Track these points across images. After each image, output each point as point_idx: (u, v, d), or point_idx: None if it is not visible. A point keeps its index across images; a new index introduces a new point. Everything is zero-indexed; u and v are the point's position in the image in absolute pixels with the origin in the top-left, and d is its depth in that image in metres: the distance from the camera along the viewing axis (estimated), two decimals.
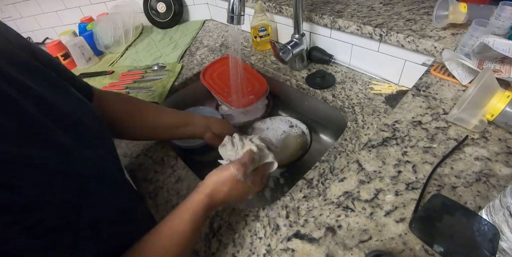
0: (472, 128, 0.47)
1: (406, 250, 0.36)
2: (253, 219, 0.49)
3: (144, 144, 0.70)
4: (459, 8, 0.63)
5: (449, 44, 0.61)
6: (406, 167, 0.45)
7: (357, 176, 0.45)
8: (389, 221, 0.39)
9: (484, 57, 0.55)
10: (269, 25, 0.93)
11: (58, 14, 1.27)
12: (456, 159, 0.45)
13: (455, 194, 0.40)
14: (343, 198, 0.43)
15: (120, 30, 1.12)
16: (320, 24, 0.81)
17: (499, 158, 0.44)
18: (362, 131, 0.62)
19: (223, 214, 0.51)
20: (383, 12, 0.76)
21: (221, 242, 0.47)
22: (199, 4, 1.25)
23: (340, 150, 0.59)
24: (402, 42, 0.67)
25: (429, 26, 0.68)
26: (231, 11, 0.57)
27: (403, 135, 0.50)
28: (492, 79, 0.46)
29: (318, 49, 0.86)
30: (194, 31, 1.20)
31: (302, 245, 0.39)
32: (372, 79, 0.78)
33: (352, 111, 0.68)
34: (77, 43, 1.02)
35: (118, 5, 1.23)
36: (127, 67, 1.02)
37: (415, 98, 0.56)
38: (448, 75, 0.59)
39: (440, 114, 0.52)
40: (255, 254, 0.44)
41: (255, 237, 0.47)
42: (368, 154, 0.48)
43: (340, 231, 0.39)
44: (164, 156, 0.66)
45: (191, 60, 1.01)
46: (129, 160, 0.67)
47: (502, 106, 0.45)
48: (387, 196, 0.42)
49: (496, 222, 0.33)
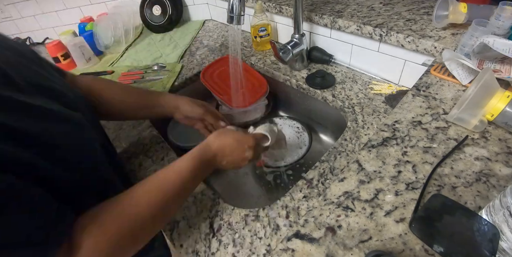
0: (472, 128, 0.47)
1: (406, 250, 0.36)
2: (253, 219, 0.49)
3: (144, 144, 0.70)
4: (459, 8, 0.63)
5: (449, 44, 0.61)
6: (406, 167, 0.45)
7: (357, 176, 0.45)
8: (389, 221, 0.39)
9: (484, 57, 0.55)
10: (269, 25, 0.93)
11: (58, 14, 1.27)
12: (456, 159, 0.45)
13: (455, 194, 0.40)
14: (343, 198, 0.43)
15: (120, 30, 1.12)
16: (320, 24, 0.81)
17: (499, 158, 0.44)
18: (362, 131, 0.62)
19: (223, 214, 0.52)
20: (383, 12, 0.76)
21: (221, 242, 0.47)
22: (199, 4, 1.24)
23: (340, 150, 0.59)
24: (402, 42, 0.66)
25: (429, 26, 0.68)
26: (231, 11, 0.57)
27: (403, 135, 0.50)
28: (492, 79, 0.46)
29: (318, 49, 0.86)
30: (194, 31, 1.20)
31: (302, 245, 0.39)
32: (372, 79, 0.78)
33: (352, 111, 0.68)
34: (77, 43, 1.02)
35: (118, 5, 1.23)
36: (127, 67, 1.02)
37: (415, 98, 0.56)
38: (448, 75, 0.59)
39: (440, 114, 0.52)
40: (255, 254, 0.44)
41: (255, 237, 0.47)
42: (368, 154, 0.48)
43: (340, 231, 0.39)
44: (164, 156, 0.66)
45: (191, 60, 1.01)
46: (129, 160, 0.67)
47: (502, 106, 0.45)
48: (387, 196, 0.42)
49: (496, 222, 0.33)
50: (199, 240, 0.48)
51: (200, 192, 0.56)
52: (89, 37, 1.09)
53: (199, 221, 0.51)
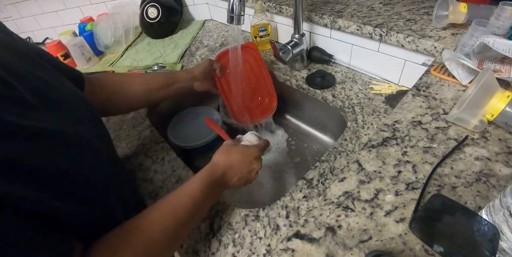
0: (472, 128, 0.47)
1: (406, 250, 0.36)
2: (253, 219, 0.49)
3: (144, 144, 0.70)
4: (459, 8, 0.63)
5: (449, 44, 0.61)
6: (406, 167, 0.45)
7: (357, 176, 0.45)
8: (389, 221, 0.39)
9: (484, 57, 0.55)
10: (269, 25, 0.93)
11: (58, 14, 1.27)
12: (456, 159, 0.45)
13: (455, 194, 0.40)
14: (343, 198, 0.43)
15: (120, 30, 1.12)
16: (320, 24, 0.81)
17: (499, 158, 0.44)
18: (362, 131, 0.62)
19: (223, 214, 0.51)
20: (383, 12, 0.76)
21: (221, 242, 0.47)
22: (199, 4, 1.24)
23: (340, 150, 0.59)
24: (402, 42, 0.67)
25: (429, 26, 0.68)
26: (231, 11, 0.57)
27: (403, 135, 0.50)
28: (492, 79, 0.46)
29: (318, 49, 0.86)
30: (194, 31, 1.20)
31: (302, 245, 0.39)
32: (372, 79, 0.78)
33: (352, 111, 0.68)
34: (77, 43, 1.02)
35: (118, 5, 1.22)
36: (127, 67, 1.02)
37: (415, 98, 0.56)
38: (448, 75, 0.59)
39: (440, 114, 0.52)
40: (255, 254, 0.44)
41: (255, 237, 0.47)
42: (368, 154, 0.48)
43: (340, 231, 0.39)
44: (164, 156, 0.66)
45: (191, 60, 1.01)
46: (129, 160, 0.67)
47: (502, 106, 0.45)
48: (387, 196, 0.42)
49: (496, 222, 0.33)
50: (199, 240, 0.48)
51: None
52: (89, 37, 1.09)
53: (199, 221, 0.51)
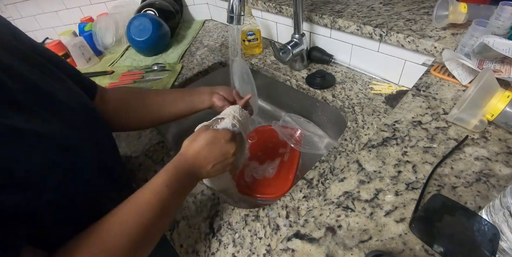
0: (472, 128, 0.47)
1: (406, 250, 0.36)
2: (253, 219, 0.49)
3: (144, 144, 0.70)
4: (459, 8, 0.63)
5: (449, 44, 0.61)
6: (406, 167, 0.45)
7: (357, 176, 0.45)
8: (389, 221, 0.39)
9: (484, 57, 0.55)
10: (258, 30, 0.93)
11: (58, 14, 1.27)
12: (456, 159, 0.45)
13: (455, 194, 0.40)
14: (343, 198, 0.43)
15: (120, 30, 1.12)
16: (320, 24, 0.81)
17: (499, 158, 0.44)
18: (362, 131, 0.62)
19: (223, 214, 0.51)
20: (383, 12, 0.76)
21: (221, 242, 0.47)
22: (199, 4, 1.24)
23: (340, 150, 0.59)
24: (402, 42, 0.66)
25: (429, 26, 0.68)
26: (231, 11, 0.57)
27: (403, 135, 0.50)
28: (492, 79, 0.46)
29: (318, 49, 0.86)
30: (194, 31, 1.20)
31: (302, 245, 0.39)
32: (372, 79, 0.78)
33: (352, 111, 0.68)
34: (77, 43, 1.02)
35: (118, 5, 1.22)
36: (127, 67, 1.02)
37: (415, 98, 0.56)
38: (448, 75, 0.59)
39: (440, 114, 0.52)
40: (255, 254, 0.44)
41: (255, 237, 0.47)
42: (368, 154, 0.48)
43: (340, 231, 0.39)
44: (164, 156, 0.66)
45: (191, 60, 1.01)
46: (129, 160, 0.67)
47: (502, 106, 0.45)
48: (387, 196, 0.42)
49: (496, 222, 0.33)
50: (199, 240, 0.48)
51: (200, 192, 0.56)
52: (89, 37, 1.09)
53: (199, 221, 0.51)
